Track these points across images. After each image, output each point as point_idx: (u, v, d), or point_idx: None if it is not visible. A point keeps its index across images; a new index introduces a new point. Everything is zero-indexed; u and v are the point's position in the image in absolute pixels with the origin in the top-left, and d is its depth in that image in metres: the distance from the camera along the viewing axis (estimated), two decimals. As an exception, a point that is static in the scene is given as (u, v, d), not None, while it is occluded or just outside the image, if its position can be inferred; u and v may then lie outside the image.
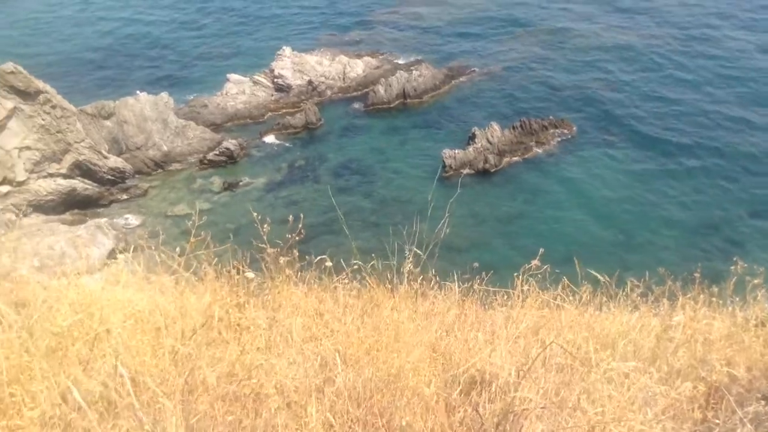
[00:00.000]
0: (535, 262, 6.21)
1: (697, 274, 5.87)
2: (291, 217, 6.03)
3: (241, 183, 37.69)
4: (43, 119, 34.39)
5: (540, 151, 39.22)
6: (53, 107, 34.60)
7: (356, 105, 45.08)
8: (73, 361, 4.50)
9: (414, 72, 46.11)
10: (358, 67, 47.68)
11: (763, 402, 3.92)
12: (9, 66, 33.67)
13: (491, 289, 6.11)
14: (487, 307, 6.21)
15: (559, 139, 39.94)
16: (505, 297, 6.15)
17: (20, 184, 34.06)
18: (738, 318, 5.29)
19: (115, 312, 4.91)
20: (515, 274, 5.85)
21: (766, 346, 4.71)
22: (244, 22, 56.52)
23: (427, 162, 38.52)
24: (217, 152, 39.48)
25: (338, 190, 36.16)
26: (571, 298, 6.01)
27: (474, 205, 34.29)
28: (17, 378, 4.14)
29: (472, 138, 39.28)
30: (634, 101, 42.98)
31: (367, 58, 49.00)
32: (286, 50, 47.56)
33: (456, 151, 38.13)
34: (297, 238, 5.65)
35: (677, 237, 31.76)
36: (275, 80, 46.10)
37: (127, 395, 3.58)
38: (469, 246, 30.43)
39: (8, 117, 33.51)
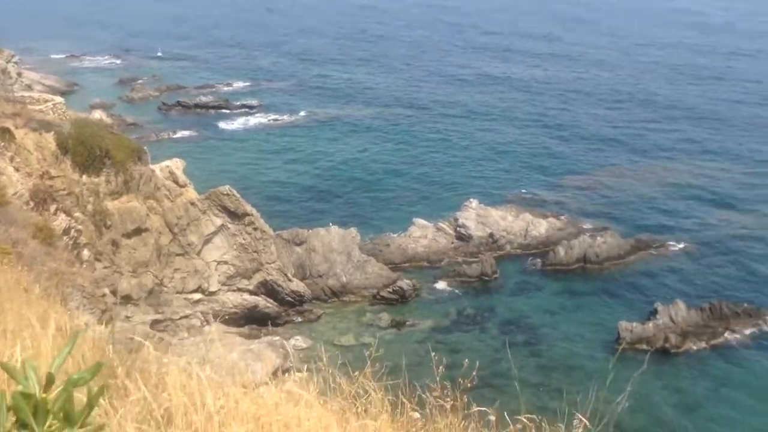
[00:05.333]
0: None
1: None
2: (466, 361, 6.09)
3: (407, 323, 38.22)
4: (244, 239, 37.79)
5: (730, 338, 36.04)
6: (255, 229, 38.00)
7: (534, 262, 44.81)
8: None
9: (598, 238, 45.27)
10: (542, 227, 47.80)
11: None
12: (225, 188, 37.86)
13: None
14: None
15: (754, 330, 36.55)
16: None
17: (211, 294, 37.16)
18: None
19: (289, 428, 5.16)
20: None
21: None
22: (440, 172, 59.44)
23: (600, 331, 36.84)
24: (391, 290, 40.65)
25: (502, 345, 35.37)
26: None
27: (651, 384, 31.79)
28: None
29: (653, 313, 37.15)
30: None
31: (551, 219, 49.09)
32: (473, 202, 49.06)
33: (634, 324, 36.16)
34: (469, 384, 5.68)
35: None
36: (458, 229, 47.37)
37: None
38: (645, 426, 28.02)
39: (215, 233, 37.27)
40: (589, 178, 57.24)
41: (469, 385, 5.70)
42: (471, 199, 49.47)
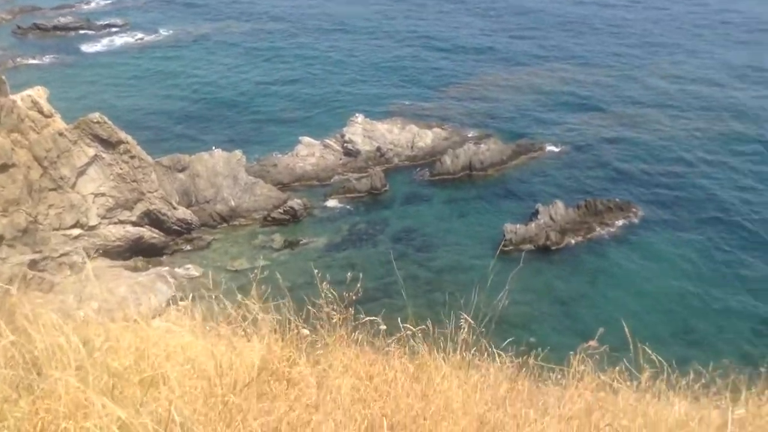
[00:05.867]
0: (593, 342, 6.11)
1: (763, 369, 5.63)
2: (349, 274, 6.11)
3: (301, 242, 38.28)
4: (121, 168, 36.01)
5: (603, 232, 38.57)
6: (132, 157, 36.24)
7: (422, 173, 45.60)
8: (128, 401, 4.59)
9: (482, 145, 46.48)
10: (427, 137, 48.41)
11: None
12: (96, 116, 35.63)
13: (545, 365, 5.99)
14: (540, 384, 6.08)
15: (624, 222, 39.23)
16: (560, 375, 6.01)
17: (91, 228, 35.49)
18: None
19: (172, 357, 5.03)
20: (571, 352, 5.74)
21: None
22: (322, 89, 58.46)
23: (487, 234, 38.36)
24: (282, 210, 40.34)
25: (396, 256, 36.24)
26: (628, 383, 5.83)
27: (532, 280, 33.77)
28: (73, 413, 4.25)
29: (535, 214, 39.03)
30: (707, 190, 41.96)
31: (436, 129, 49.77)
32: (359, 117, 48.81)
33: (518, 226, 37.91)
34: (354, 297, 5.72)
35: (745, 330, 30.41)
36: (345, 145, 47.19)
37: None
38: (524, 321, 29.85)
39: (89, 164, 35.26)
40: (468, 87, 58.10)
41: (354, 297, 5.74)
42: (356, 114, 49.19)
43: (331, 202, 42.53)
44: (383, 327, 6.35)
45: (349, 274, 6.23)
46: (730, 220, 38.81)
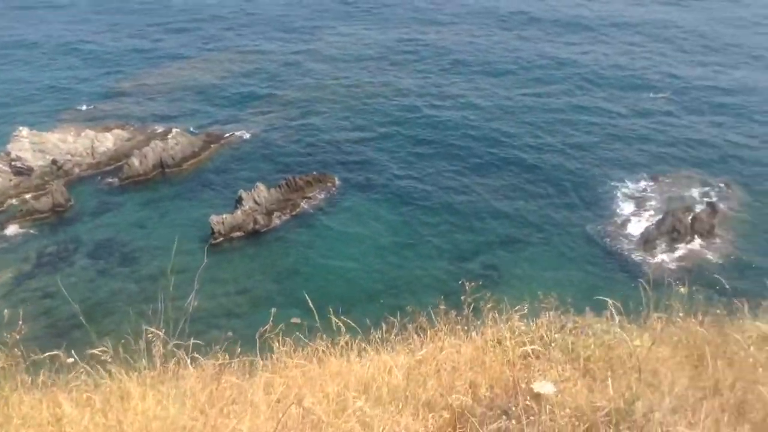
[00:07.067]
0: (294, 319, 6.18)
1: (442, 306, 6.19)
2: (6, 312, 5.36)
3: (-19, 281, 33.44)
4: None
5: (307, 206, 39.98)
6: None
7: (109, 180, 42.57)
8: None
9: (169, 140, 44.70)
10: (108, 141, 45.17)
11: (504, 417, 4.16)
12: None
13: (248, 358, 5.90)
14: (249, 375, 5.98)
15: (324, 194, 41.06)
16: (267, 361, 5.98)
17: None
18: (478, 341, 5.65)
19: None
20: (270, 335, 5.73)
21: (503, 363, 5.06)
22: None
23: (195, 230, 37.30)
24: (-52, 251, 34.76)
25: (98, 274, 33.60)
26: (332, 349, 6.01)
27: (245, 268, 33.84)
28: None
29: (239, 201, 38.91)
30: (388, 154, 45.46)
31: (116, 131, 46.61)
32: (23, 130, 43.70)
33: (224, 216, 37.48)
34: (17, 335, 5.02)
35: (434, 274, 33.75)
36: (12, 163, 42.01)
37: None
38: (230, 314, 29.41)
39: None
40: (139, 83, 55.38)
41: (18, 336, 5.04)
42: (20, 128, 44.01)
43: (11, 230, 37.83)
44: (70, 360, 5.73)
45: (5, 311, 5.46)
46: (407, 180, 42.50)
